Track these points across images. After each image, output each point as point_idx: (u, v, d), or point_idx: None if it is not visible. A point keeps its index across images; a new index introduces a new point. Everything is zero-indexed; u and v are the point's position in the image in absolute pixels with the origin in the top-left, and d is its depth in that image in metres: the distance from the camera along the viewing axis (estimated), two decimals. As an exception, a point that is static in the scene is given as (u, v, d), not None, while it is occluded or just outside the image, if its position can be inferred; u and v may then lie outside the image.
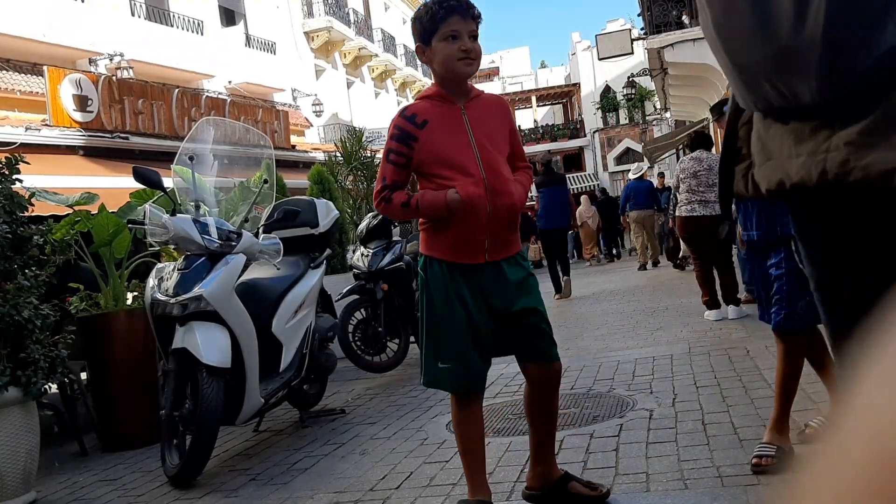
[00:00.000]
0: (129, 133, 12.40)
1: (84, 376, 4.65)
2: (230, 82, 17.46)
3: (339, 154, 10.46)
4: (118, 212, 4.81)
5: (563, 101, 36.01)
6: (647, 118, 29.43)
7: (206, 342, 3.41)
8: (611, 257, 17.56)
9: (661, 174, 15.03)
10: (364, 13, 26.22)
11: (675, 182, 6.69)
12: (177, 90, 13.70)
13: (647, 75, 17.03)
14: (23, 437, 3.41)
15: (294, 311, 4.13)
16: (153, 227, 3.70)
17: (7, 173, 3.78)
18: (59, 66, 11.93)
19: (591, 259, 16.88)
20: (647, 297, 8.48)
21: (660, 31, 12.20)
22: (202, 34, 17.06)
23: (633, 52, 16.53)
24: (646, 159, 20.27)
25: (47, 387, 3.66)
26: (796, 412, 2.92)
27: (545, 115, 37.73)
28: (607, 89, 31.40)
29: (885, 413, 0.26)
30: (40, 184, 5.02)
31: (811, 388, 3.22)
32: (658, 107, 24.34)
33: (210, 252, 3.64)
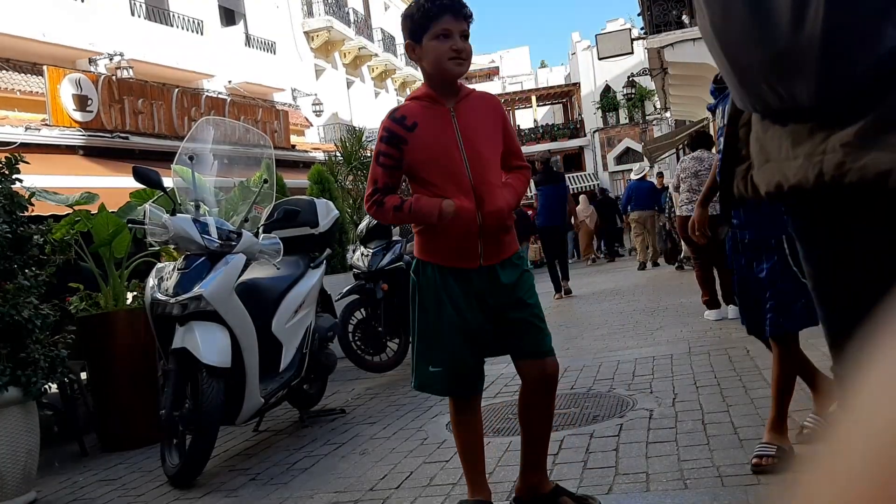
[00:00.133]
0: (128, 133, 12.40)
1: (84, 376, 4.65)
2: (230, 82, 17.47)
3: (339, 154, 10.48)
4: (118, 211, 4.82)
5: (563, 100, 35.99)
6: (647, 118, 29.41)
7: (206, 342, 3.41)
8: (610, 257, 17.57)
9: (661, 174, 15.02)
10: (364, 13, 26.23)
11: (676, 182, 6.69)
12: (177, 90, 13.70)
13: (647, 75, 17.04)
14: (23, 436, 3.41)
15: (294, 310, 4.13)
16: (153, 226, 3.69)
17: (7, 173, 3.78)
18: (58, 66, 11.93)
19: (586, 259, 16.94)
20: (647, 297, 8.49)
21: (660, 31, 12.20)
22: (202, 34, 17.06)
23: (633, 52, 16.55)
24: (646, 159, 20.28)
25: (47, 386, 3.66)
26: (797, 412, 2.92)
27: (545, 114, 37.70)
28: (607, 89, 31.39)
29: (885, 413, 0.26)
30: (40, 184, 5.02)
31: (811, 388, 3.22)
32: (658, 106, 24.33)
33: (210, 252, 3.64)
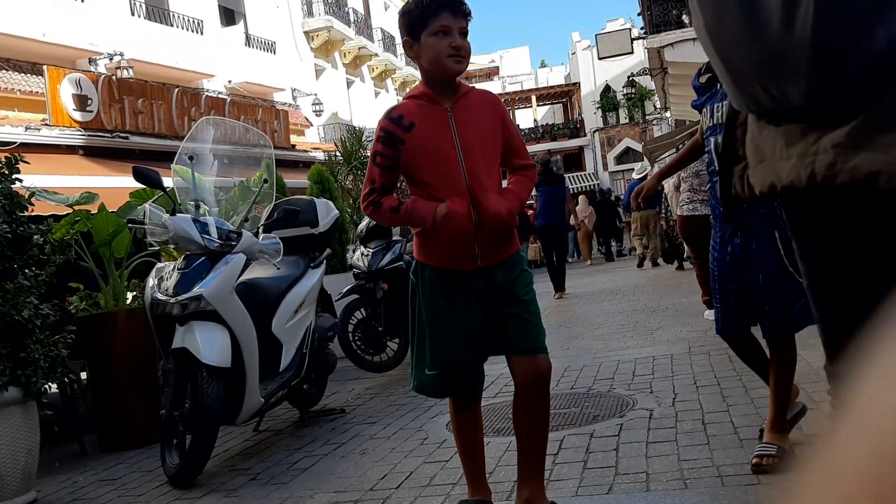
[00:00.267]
0: (128, 133, 12.40)
1: (84, 376, 4.65)
2: (230, 82, 17.47)
3: (338, 153, 10.48)
4: (118, 211, 4.82)
5: (563, 100, 36.00)
6: (647, 118, 29.41)
7: (205, 342, 3.41)
8: (609, 257, 17.59)
9: None
10: (364, 13, 26.24)
11: (676, 181, 6.68)
12: (177, 90, 13.70)
13: (647, 75, 17.02)
14: (23, 436, 3.41)
15: (294, 310, 4.13)
16: (153, 226, 3.69)
17: (7, 173, 3.78)
18: (58, 66, 11.93)
19: (586, 259, 16.99)
20: (647, 297, 8.48)
21: (660, 31, 12.20)
22: (202, 34, 17.07)
23: (632, 52, 16.55)
24: (646, 159, 20.26)
25: (47, 386, 3.66)
26: (796, 412, 2.92)
27: (545, 114, 37.71)
28: (607, 89, 31.39)
29: (885, 413, 0.26)
30: (40, 183, 5.02)
31: (811, 388, 3.22)
32: (658, 106, 24.33)
33: (210, 252, 3.64)
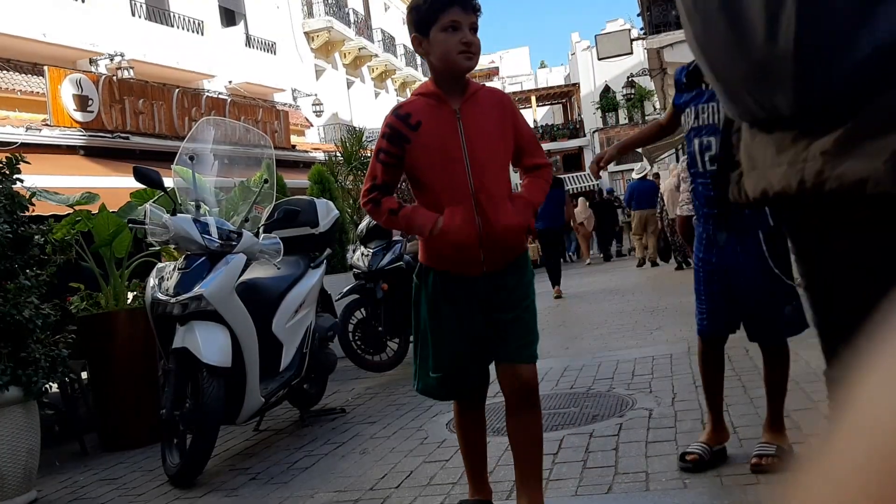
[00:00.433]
0: (129, 133, 12.40)
1: (85, 376, 4.65)
2: (230, 82, 17.47)
3: (339, 154, 10.49)
4: (118, 211, 4.82)
5: (563, 101, 35.97)
6: (647, 118, 29.41)
7: (206, 342, 3.41)
8: (608, 257, 17.62)
9: (657, 175, 15.03)
10: (364, 13, 26.22)
11: (676, 181, 6.69)
12: (177, 90, 13.70)
13: (646, 75, 17.05)
14: (23, 436, 3.41)
15: (294, 310, 4.13)
16: (153, 226, 3.70)
17: (8, 173, 3.78)
18: (59, 66, 11.93)
19: (585, 260, 17.09)
20: (646, 297, 8.48)
21: (659, 31, 12.21)
22: (202, 34, 17.06)
23: (632, 52, 16.59)
24: (645, 159, 20.27)
25: (48, 386, 3.67)
26: (797, 412, 2.93)
27: (545, 115, 37.69)
28: (607, 89, 31.38)
29: (884, 413, 0.26)
30: (41, 184, 5.03)
31: (810, 388, 3.22)
32: (658, 107, 24.35)
33: (210, 252, 3.64)
